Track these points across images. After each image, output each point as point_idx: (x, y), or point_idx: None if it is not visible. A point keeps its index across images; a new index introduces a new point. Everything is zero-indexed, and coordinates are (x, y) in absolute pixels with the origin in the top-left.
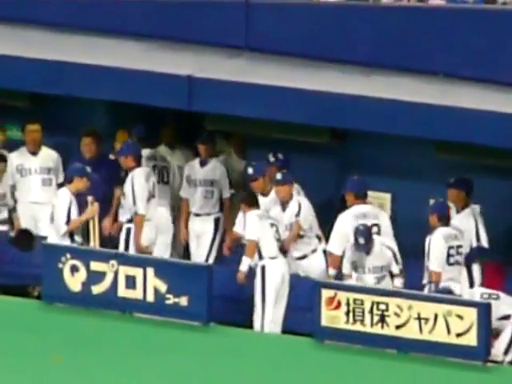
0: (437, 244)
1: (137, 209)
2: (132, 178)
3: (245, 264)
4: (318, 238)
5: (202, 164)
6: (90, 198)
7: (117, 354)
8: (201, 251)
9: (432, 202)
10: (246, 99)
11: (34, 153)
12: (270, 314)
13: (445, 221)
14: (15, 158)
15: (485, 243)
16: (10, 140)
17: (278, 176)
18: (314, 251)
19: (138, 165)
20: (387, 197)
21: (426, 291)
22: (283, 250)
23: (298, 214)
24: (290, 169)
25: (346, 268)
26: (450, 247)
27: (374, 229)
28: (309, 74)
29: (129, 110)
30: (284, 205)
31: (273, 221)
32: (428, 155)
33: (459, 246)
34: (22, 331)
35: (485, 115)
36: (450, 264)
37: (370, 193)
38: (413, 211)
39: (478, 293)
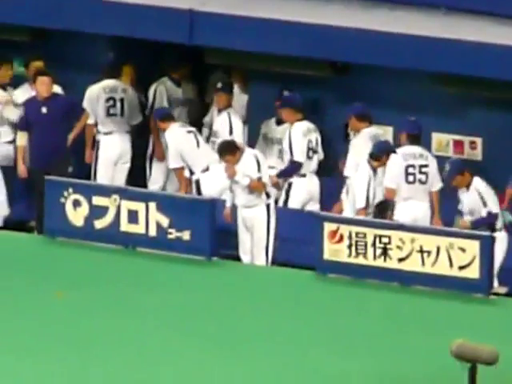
0: (393, 162)
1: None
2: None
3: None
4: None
5: (278, 123)
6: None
7: (119, 289)
8: None
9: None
10: (246, 33)
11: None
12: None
13: (412, 139)
14: (19, 95)
15: (494, 208)
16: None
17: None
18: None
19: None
20: (389, 130)
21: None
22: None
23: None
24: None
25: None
26: (410, 166)
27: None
28: (310, 7)
29: (131, 45)
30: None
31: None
32: (428, 88)
33: (422, 166)
34: (24, 266)
35: (486, 48)
36: (408, 182)
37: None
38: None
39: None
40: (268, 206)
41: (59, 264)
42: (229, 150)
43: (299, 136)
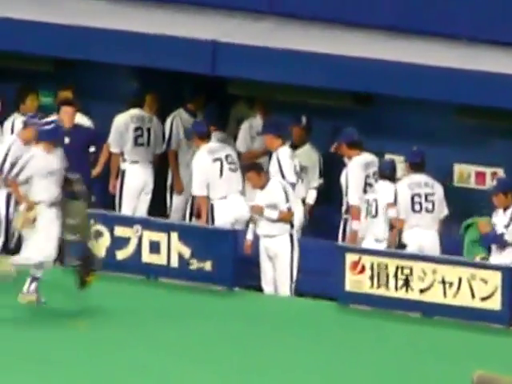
0: (399, 192)
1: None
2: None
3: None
4: None
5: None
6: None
7: (141, 320)
8: None
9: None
10: (269, 63)
11: None
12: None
13: (415, 168)
14: None
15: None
16: (41, 105)
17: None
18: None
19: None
20: None
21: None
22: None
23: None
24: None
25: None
26: (415, 195)
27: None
28: (332, 38)
29: (154, 75)
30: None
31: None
32: (450, 119)
33: (428, 194)
34: (45, 296)
35: (507, 78)
36: (415, 211)
37: (394, 157)
38: (436, 175)
39: None
40: (291, 236)
41: (80, 294)
42: (254, 168)
43: (287, 159)
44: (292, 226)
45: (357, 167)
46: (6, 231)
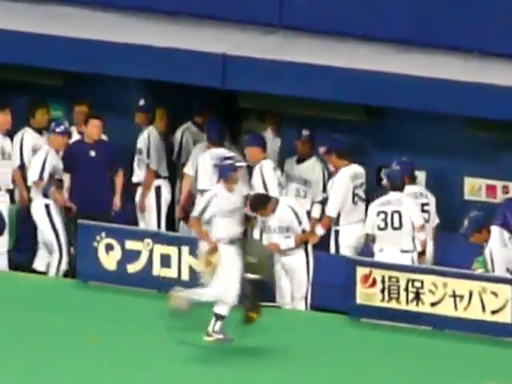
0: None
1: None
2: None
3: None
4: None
5: (299, 161)
6: None
7: (152, 333)
8: None
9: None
10: (280, 77)
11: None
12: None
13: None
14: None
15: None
16: (52, 119)
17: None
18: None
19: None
20: (422, 174)
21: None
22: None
23: None
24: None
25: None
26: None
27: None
28: (343, 51)
29: (164, 89)
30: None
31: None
32: (462, 132)
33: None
34: (58, 310)
35: None
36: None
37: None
38: (447, 189)
39: None
40: (306, 251)
41: (92, 308)
42: (261, 204)
43: (270, 172)
44: (306, 242)
45: (344, 179)
46: (59, 246)
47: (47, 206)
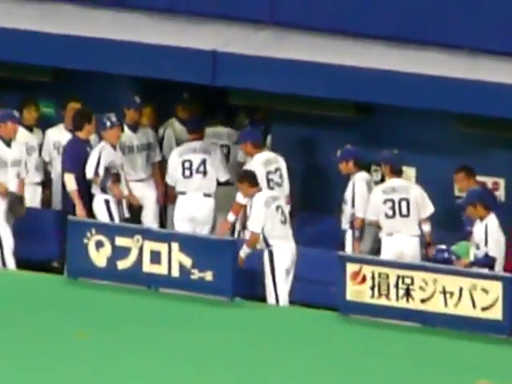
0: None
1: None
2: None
3: (245, 252)
4: None
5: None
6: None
7: (141, 330)
8: None
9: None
10: (270, 73)
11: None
12: (282, 291)
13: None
14: (52, 135)
15: (491, 251)
16: (42, 116)
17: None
18: None
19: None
20: (412, 171)
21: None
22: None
23: None
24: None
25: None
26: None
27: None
28: (333, 47)
29: (153, 86)
30: None
31: (278, 203)
32: (451, 129)
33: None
34: (47, 307)
35: (509, 88)
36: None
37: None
38: (437, 185)
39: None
40: (270, 253)
41: (81, 304)
42: (249, 180)
43: (260, 166)
44: (268, 245)
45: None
46: None
47: (107, 202)
